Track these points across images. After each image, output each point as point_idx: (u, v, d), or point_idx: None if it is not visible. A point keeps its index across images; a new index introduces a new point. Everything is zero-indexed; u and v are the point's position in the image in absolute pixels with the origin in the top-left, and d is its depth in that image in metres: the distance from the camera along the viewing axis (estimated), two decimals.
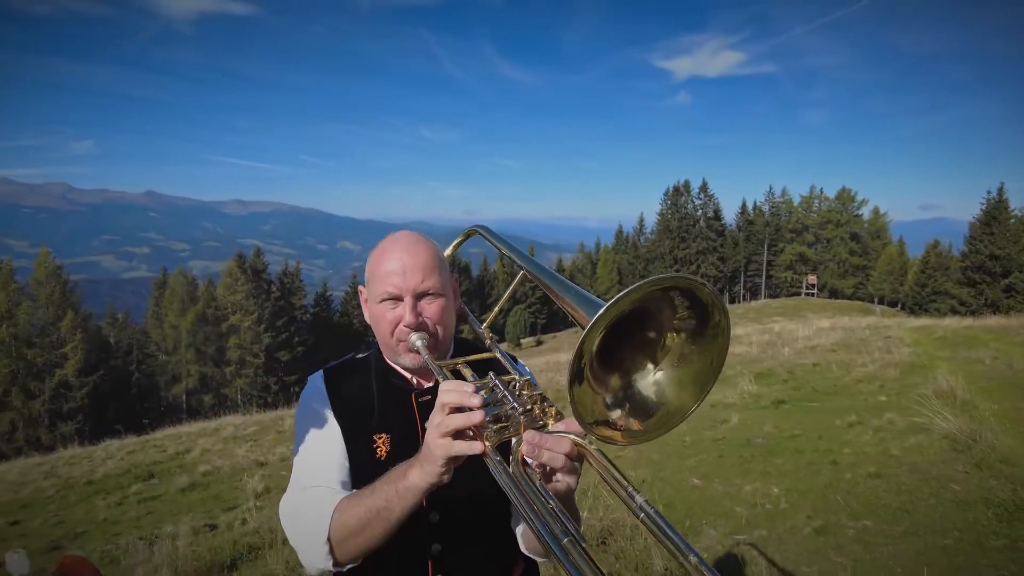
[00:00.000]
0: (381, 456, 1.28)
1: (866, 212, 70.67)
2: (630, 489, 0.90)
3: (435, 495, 1.10)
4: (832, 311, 45.11)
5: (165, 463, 10.98)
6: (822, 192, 72.16)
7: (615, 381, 0.95)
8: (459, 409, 1.00)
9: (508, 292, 1.45)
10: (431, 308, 1.29)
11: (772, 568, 3.46)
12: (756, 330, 22.47)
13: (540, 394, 1.04)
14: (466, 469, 1.06)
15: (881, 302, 60.17)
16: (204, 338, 45.86)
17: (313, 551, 1.18)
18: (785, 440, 6.45)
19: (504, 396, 1.02)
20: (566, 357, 19.71)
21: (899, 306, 58.20)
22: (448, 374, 1.19)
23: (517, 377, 1.08)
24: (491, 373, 1.08)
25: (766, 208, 74.16)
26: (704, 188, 70.09)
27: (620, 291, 0.80)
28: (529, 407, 1.01)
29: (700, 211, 70.01)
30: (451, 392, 1.01)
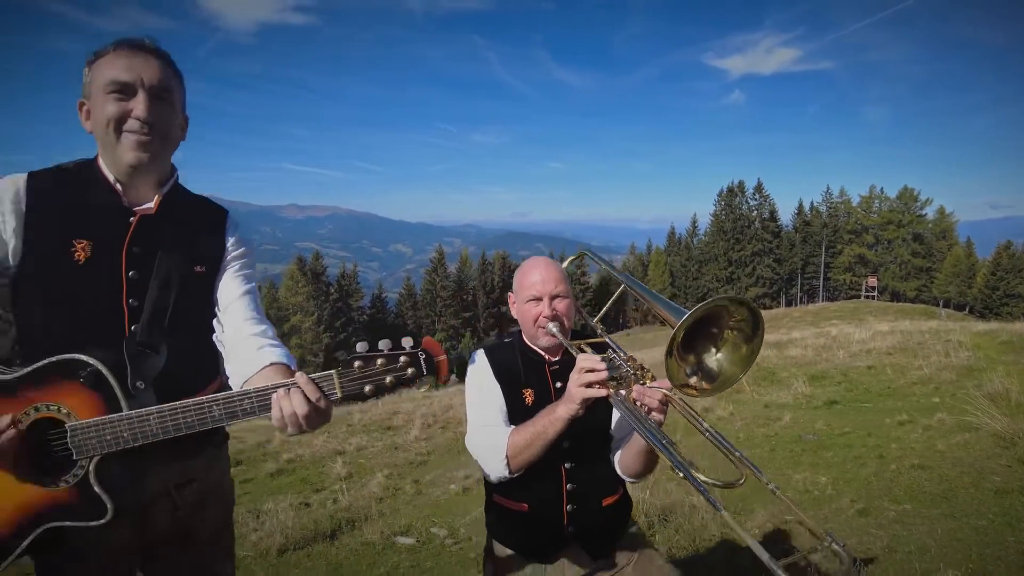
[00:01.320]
0: (528, 404, 1.90)
1: (930, 212, 68.27)
2: (699, 419, 1.47)
3: (568, 430, 1.70)
4: (893, 314, 43.82)
5: (249, 452, 11.93)
6: (883, 192, 70.08)
7: (692, 358, 1.52)
8: (591, 371, 1.58)
9: (610, 302, 2.04)
10: (561, 305, 1.91)
11: (814, 539, 3.90)
12: (812, 333, 22.26)
13: (640, 364, 1.61)
14: (588, 415, 1.68)
15: (947, 306, 57.98)
16: None
17: (496, 464, 1.81)
18: (835, 436, 6.78)
19: (620, 364, 1.60)
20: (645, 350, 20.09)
21: (967, 310, 56.00)
22: (578, 350, 1.78)
23: (623, 353, 1.67)
24: (608, 350, 1.67)
25: (823, 209, 72.46)
26: (759, 188, 69.06)
27: (699, 303, 1.37)
28: (634, 371, 1.58)
29: (755, 212, 68.97)
30: (587, 360, 1.62)
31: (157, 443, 1.38)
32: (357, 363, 1.34)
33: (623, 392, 1.60)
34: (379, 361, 1.34)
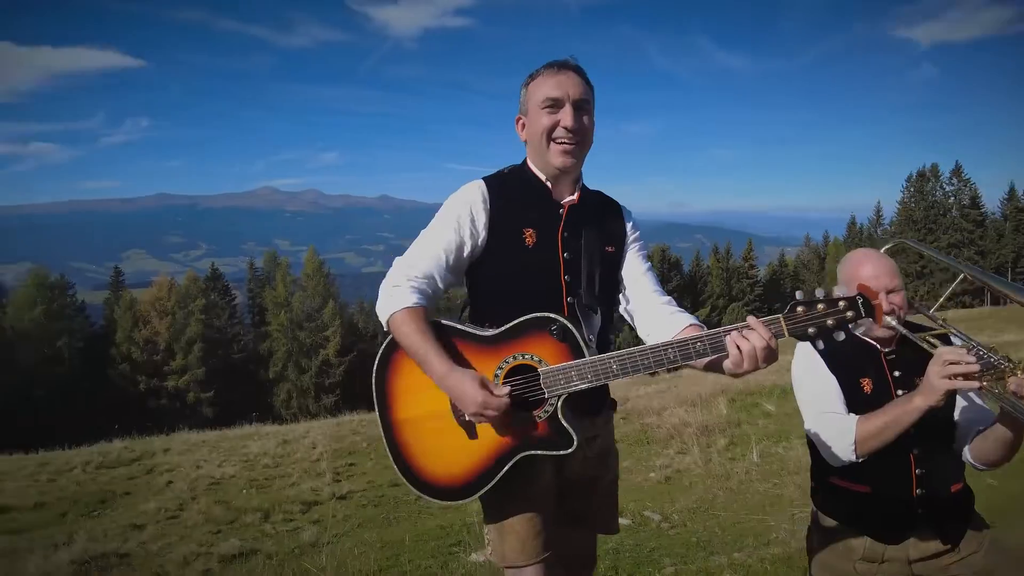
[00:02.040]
0: (867, 392, 1.98)
1: None
2: None
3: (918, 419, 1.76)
4: None
5: None
6: None
7: None
8: (955, 363, 1.64)
9: (948, 291, 2.08)
10: (897, 299, 1.96)
11: None
12: None
13: (1006, 355, 1.66)
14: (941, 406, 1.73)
15: None
16: None
17: (843, 449, 1.90)
18: None
19: (986, 355, 1.66)
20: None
21: None
22: (924, 342, 1.86)
23: (983, 346, 1.71)
24: (973, 342, 1.73)
25: None
26: (957, 172, 60.88)
27: None
28: (1005, 362, 1.64)
29: (952, 199, 60.99)
30: (952, 352, 1.67)
31: (574, 399, 1.68)
32: (800, 308, 1.51)
33: (996, 384, 1.62)
34: (819, 306, 1.49)
